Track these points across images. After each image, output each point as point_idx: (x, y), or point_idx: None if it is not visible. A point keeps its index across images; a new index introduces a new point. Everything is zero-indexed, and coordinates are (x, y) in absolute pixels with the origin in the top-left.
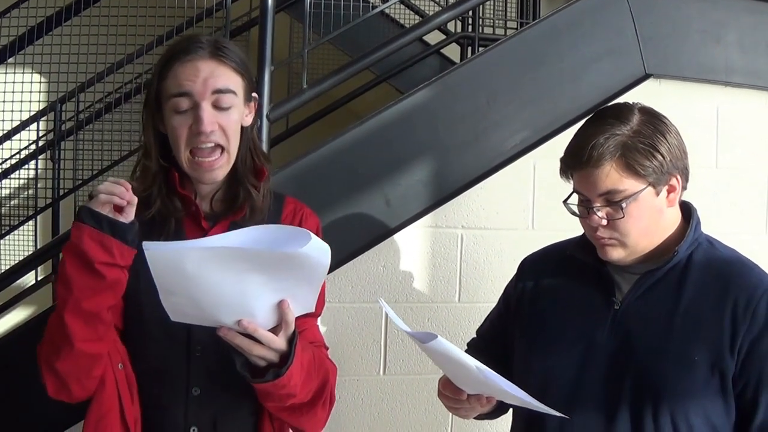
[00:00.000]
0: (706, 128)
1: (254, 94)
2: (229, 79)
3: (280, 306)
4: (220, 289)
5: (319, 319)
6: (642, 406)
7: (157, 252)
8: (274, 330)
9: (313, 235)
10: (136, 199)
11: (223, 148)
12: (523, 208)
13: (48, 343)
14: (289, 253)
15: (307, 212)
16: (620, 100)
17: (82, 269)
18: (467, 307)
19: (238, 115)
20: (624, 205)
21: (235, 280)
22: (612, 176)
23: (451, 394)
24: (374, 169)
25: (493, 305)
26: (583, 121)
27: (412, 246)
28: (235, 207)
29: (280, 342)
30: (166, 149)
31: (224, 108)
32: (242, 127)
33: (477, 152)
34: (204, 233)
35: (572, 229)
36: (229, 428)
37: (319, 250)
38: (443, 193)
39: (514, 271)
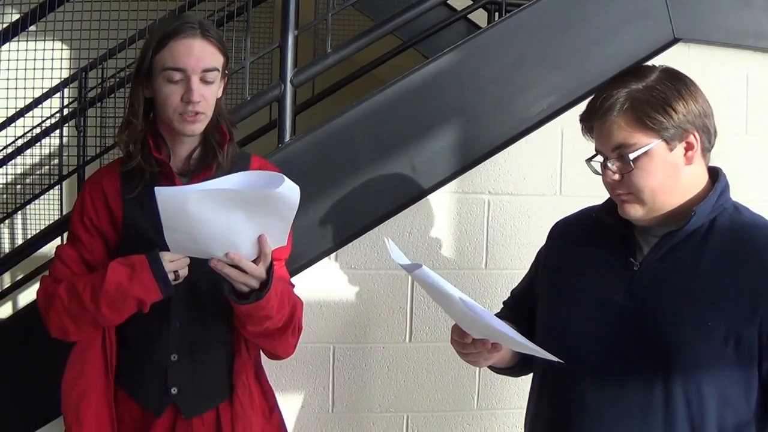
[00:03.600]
0: (735, 94)
1: (227, 72)
2: (214, 58)
3: (259, 240)
4: (213, 225)
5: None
6: (653, 371)
7: (167, 194)
8: (255, 261)
9: (286, 178)
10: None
11: (203, 113)
12: (551, 173)
13: (68, 318)
14: (267, 192)
15: (270, 168)
16: (649, 64)
17: (133, 310)
18: (494, 273)
19: (217, 87)
20: (631, 157)
21: (224, 218)
22: (621, 129)
23: (457, 337)
24: (400, 134)
25: (521, 272)
26: None
27: (438, 212)
28: (205, 165)
29: (260, 270)
30: (146, 112)
31: (209, 82)
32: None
33: (504, 117)
34: None
35: (600, 194)
36: (204, 355)
37: (290, 189)
38: (470, 158)
39: (541, 237)
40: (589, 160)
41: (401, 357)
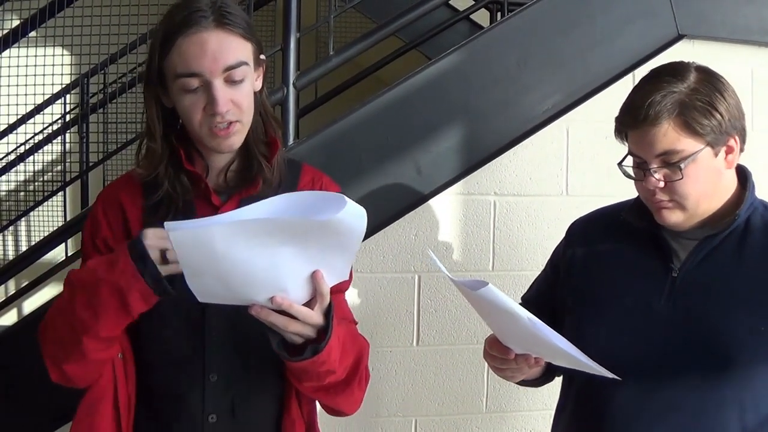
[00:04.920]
0: (740, 90)
1: (262, 56)
2: (239, 50)
3: (314, 277)
4: (251, 265)
5: (349, 290)
6: (704, 378)
7: (183, 232)
8: (309, 303)
9: (347, 199)
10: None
11: (239, 122)
12: (557, 173)
13: (56, 344)
14: (324, 220)
15: (326, 181)
16: (654, 61)
17: (118, 311)
18: (501, 275)
19: (250, 85)
20: (682, 166)
21: (266, 255)
22: (670, 135)
23: (498, 353)
24: (404, 136)
25: (528, 273)
26: (616, 84)
27: (444, 214)
28: (248, 180)
29: (316, 316)
30: (170, 124)
31: (237, 81)
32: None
33: (509, 117)
34: (215, 210)
35: (607, 194)
36: (250, 414)
37: (354, 214)
38: (475, 159)
39: (549, 237)
40: (620, 164)
41: (408, 361)
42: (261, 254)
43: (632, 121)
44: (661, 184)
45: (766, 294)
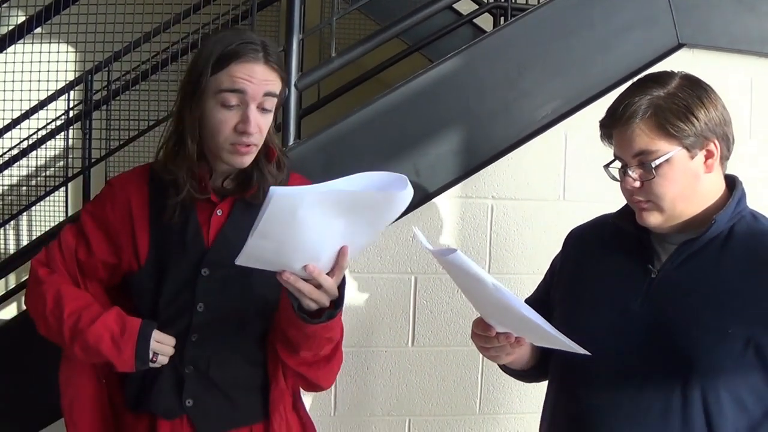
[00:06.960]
0: (740, 99)
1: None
2: (276, 84)
3: (341, 251)
4: (310, 234)
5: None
6: (672, 378)
7: (282, 195)
8: (328, 274)
9: (408, 181)
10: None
11: (256, 145)
12: (554, 178)
13: (49, 333)
14: (390, 193)
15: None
16: (653, 69)
17: (104, 364)
18: (497, 278)
19: (272, 116)
20: (653, 165)
21: (323, 225)
22: (643, 136)
23: (480, 331)
24: (403, 138)
25: (524, 276)
26: (615, 91)
27: (441, 216)
28: (247, 186)
29: (334, 287)
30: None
31: (267, 110)
32: None
33: (507, 122)
34: (213, 207)
35: (603, 199)
36: (224, 372)
37: (409, 195)
38: (473, 162)
39: (545, 242)
40: (606, 166)
41: (403, 361)
42: (321, 224)
43: (610, 122)
44: (637, 183)
45: (738, 299)
